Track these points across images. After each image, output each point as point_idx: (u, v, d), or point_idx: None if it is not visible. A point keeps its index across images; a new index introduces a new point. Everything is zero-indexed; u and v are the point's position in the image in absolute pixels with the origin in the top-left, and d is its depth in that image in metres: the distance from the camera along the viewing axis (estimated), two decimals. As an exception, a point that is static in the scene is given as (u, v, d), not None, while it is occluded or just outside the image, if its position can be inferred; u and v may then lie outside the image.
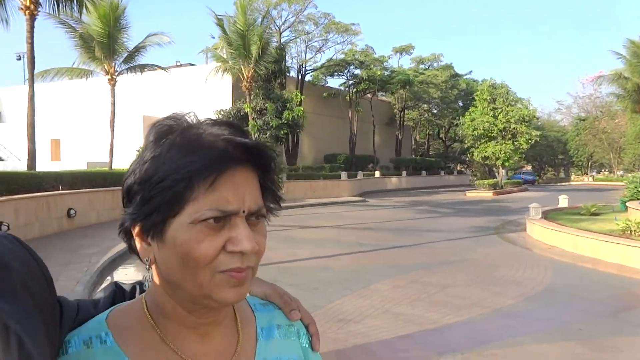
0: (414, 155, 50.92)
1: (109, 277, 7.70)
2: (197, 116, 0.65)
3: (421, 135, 56.42)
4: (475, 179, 45.73)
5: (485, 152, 35.78)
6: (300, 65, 34.24)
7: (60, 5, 14.26)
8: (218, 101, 30.02)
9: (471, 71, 52.55)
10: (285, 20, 32.23)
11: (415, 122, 49.16)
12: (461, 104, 49.10)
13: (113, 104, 19.29)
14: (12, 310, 0.51)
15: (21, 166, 26.33)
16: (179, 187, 0.57)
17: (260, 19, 26.51)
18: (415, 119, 48.08)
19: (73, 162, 26.23)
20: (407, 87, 39.83)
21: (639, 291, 7.42)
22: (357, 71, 37.88)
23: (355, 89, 38.74)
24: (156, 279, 0.65)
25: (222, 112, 27.75)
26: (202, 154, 0.58)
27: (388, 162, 44.48)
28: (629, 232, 10.69)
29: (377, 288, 7.29)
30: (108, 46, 18.88)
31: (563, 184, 60.75)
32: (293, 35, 32.81)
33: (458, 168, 60.61)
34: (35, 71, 14.27)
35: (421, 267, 8.81)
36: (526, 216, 14.30)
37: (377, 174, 37.71)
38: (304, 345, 0.77)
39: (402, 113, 46.17)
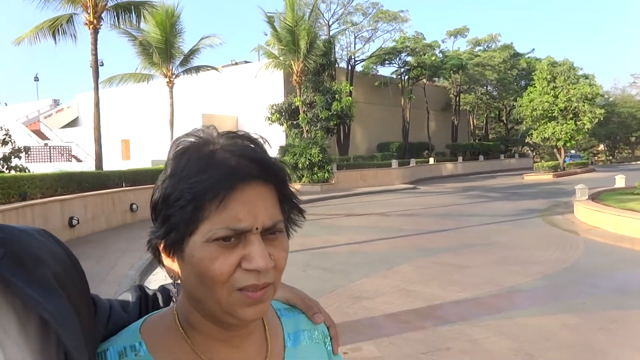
0: (471, 140, 49.79)
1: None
2: (217, 129, 0.65)
3: (480, 119, 54.96)
4: (542, 161, 44.14)
5: (545, 133, 34.59)
6: (349, 56, 34.60)
7: (120, 17, 15.63)
8: (271, 96, 31.10)
9: (533, 49, 50.15)
10: (333, 13, 32.72)
11: (472, 106, 48.04)
12: (523, 84, 47.36)
13: (172, 105, 20.75)
14: (50, 304, 0.51)
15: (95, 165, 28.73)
16: (192, 207, 0.58)
17: (308, 14, 27.18)
18: (471, 102, 47.01)
19: (141, 160, 28.27)
20: (461, 71, 39.08)
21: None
22: (409, 58, 37.68)
23: (407, 77, 38.57)
24: (183, 294, 0.67)
25: (274, 107, 28.78)
26: (212, 172, 0.59)
27: (444, 148, 43.95)
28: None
29: (399, 270, 7.79)
30: (165, 51, 20.30)
31: (638, 162, 57.09)
32: (342, 27, 33.22)
33: (522, 151, 58.55)
34: (105, 77, 15.74)
35: (449, 250, 9.19)
36: (573, 198, 14.07)
37: (431, 160, 37.47)
38: (328, 348, 0.79)
39: (457, 98, 45.33)
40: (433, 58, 37.83)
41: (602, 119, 34.65)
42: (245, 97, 33.31)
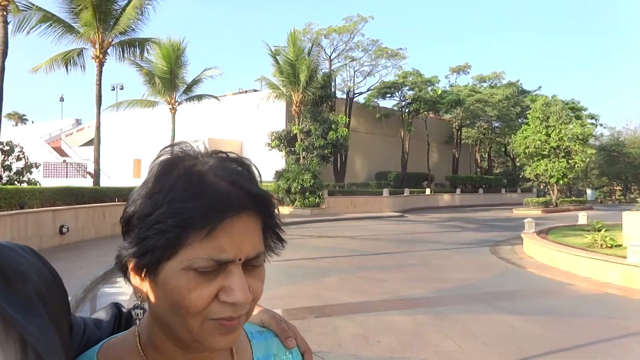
0: (474, 173, 50.85)
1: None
2: (205, 145, 0.64)
3: (482, 153, 56.05)
4: (548, 197, 44.92)
5: (538, 170, 35.58)
6: (349, 89, 36.48)
7: (125, 51, 17.63)
8: (274, 123, 32.94)
9: (540, 87, 51.59)
10: (335, 48, 34.74)
11: (475, 140, 49.28)
12: (522, 121, 48.54)
13: (173, 129, 22.64)
14: (30, 323, 0.50)
15: (109, 182, 30.69)
16: (174, 234, 0.56)
17: (308, 49, 29.15)
18: (474, 136, 48.29)
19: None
20: (458, 106, 40.59)
21: (542, 287, 8.67)
22: (410, 92, 39.40)
23: (407, 110, 40.22)
24: (149, 315, 0.64)
25: (274, 134, 30.57)
26: (201, 200, 0.56)
27: (444, 180, 45.11)
28: (597, 245, 11.60)
29: (324, 280, 9.17)
30: (170, 81, 22.30)
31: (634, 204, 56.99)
32: (343, 62, 35.22)
33: (527, 185, 59.21)
34: (123, 98, 17.56)
35: (380, 268, 10.51)
36: (522, 231, 15.25)
37: (428, 191, 38.67)
38: None
39: (458, 132, 46.70)
40: (431, 93, 39.48)
41: (592, 157, 35.51)
42: (250, 124, 35.23)
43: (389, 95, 39.14)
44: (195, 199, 0.56)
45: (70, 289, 7.12)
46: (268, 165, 30.88)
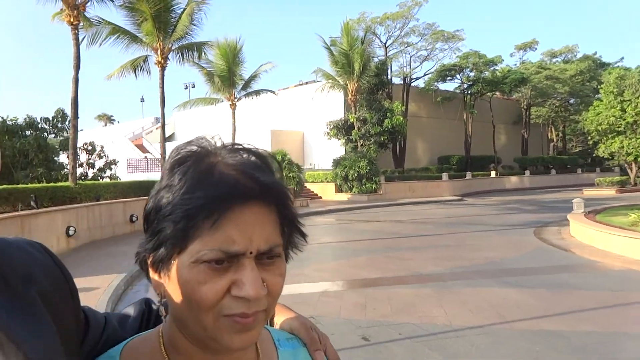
0: (545, 154, 48.71)
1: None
2: (221, 139, 0.62)
3: (558, 132, 53.38)
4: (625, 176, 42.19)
5: (612, 147, 33.63)
6: (405, 75, 36.41)
7: (184, 56, 19.23)
8: (333, 112, 33.77)
9: (622, 58, 48.13)
10: (390, 35, 34.80)
11: (546, 119, 47.14)
12: (599, 97, 45.69)
13: (233, 124, 24.16)
14: (28, 333, 0.50)
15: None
16: (182, 224, 0.55)
17: (363, 36, 29.60)
18: (544, 115, 46.22)
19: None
20: (522, 85, 39.10)
21: (566, 265, 8.87)
22: (472, 74, 38.58)
23: (469, 92, 39.41)
24: (169, 314, 0.63)
25: (332, 123, 31.43)
26: (208, 189, 0.55)
27: (512, 162, 43.75)
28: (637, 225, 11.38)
29: (355, 259, 9.94)
30: (228, 79, 23.80)
31: None
32: (399, 48, 35.23)
33: (608, 165, 55.63)
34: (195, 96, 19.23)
35: (410, 249, 11.08)
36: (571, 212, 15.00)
37: (493, 174, 37.82)
38: None
39: (527, 111, 44.94)
40: (496, 74, 38.36)
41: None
42: (311, 114, 36.31)
43: (449, 78, 38.56)
44: (201, 188, 0.55)
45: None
46: (328, 154, 31.85)
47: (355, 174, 26.61)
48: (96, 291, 6.76)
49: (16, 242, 0.58)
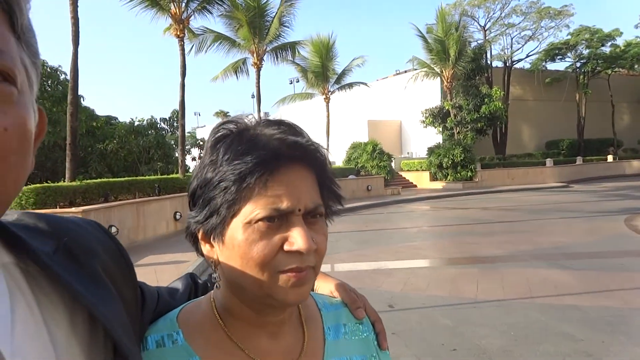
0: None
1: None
2: (255, 117, 0.66)
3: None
4: None
5: None
6: (507, 57, 34.83)
7: (278, 56, 20.83)
8: (430, 100, 33.55)
9: None
10: (490, 18, 33.53)
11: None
12: None
13: (327, 116, 25.41)
14: (97, 298, 0.53)
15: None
16: (235, 187, 0.59)
17: (458, 20, 29.10)
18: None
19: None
20: (645, 60, 35.30)
21: (634, 250, 8.67)
22: (586, 51, 35.78)
23: (582, 70, 36.58)
24: (222, 279, 0.67)
25: (428, 111, 31.36)
26: (255, 154, 0.59)
27: (636, 144, 39.77)
28: None
29: (411, 244, 10.54)
30: (322, 74, 25.06)
31: None
32: (500, 30, 33.81)
33: None
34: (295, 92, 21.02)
35: (481, 234, 11.35)
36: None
37: (610, 158, 34.85)
38: (374, 343, 0.78)
39: (656, 87, 40.42)
40: (616, 49, 35.14)
41: None
42: (408, 103, 36.42)
43: (559, 57, 36.13)
44: (249, 154, 0.60)
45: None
46: (425, 142, 31.84)
47: (450, 162, 26.47)
48: (186, 264, 8.27)
49: (74, 219, 0.62)
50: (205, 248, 0.66)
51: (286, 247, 0.60)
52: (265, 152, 0.60)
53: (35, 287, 0.51)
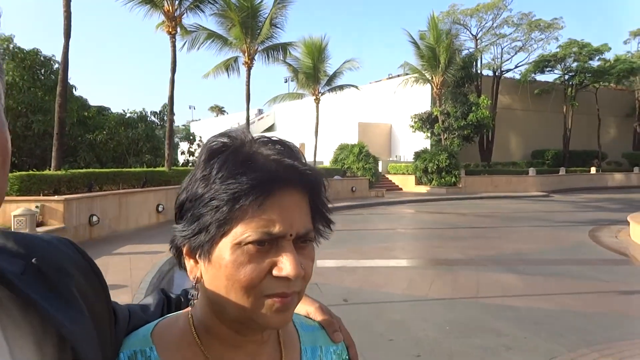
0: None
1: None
2: (251, 133, 0.66)
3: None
4: None
5: None
6: (496, 67, 35.46)
7: (270, 56, 21.24)
8: (420, 105, 34.08)
9: None
10: (482, 27, 34.11)
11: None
12: None
13: (317, 117, 25.84)
14: (69, 321, 0.52)
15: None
16: (228, 207, 0.58)
17: (450, 29, 29.66)
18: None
19: (309, 159, 34.49)
20: (631, 76, 36.03)
21: (592, 259, 9.19)
22: (574, 64, 36.48)
23: (570, 83, 37.29)
24: (202, 297, 0.65)
25: (417, 116, 31.89)
26: (251, 175, 0.58)
27: (620, 158, 40.55)
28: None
29: (383, 245, 11.00)
30: (313, 75, 25.48)
31: None
32: (491, 39, 34.42)
33: None
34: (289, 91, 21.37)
35: (449, 238, 11.85)
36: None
37: (593, 170, 35.60)
38: None
39: (640, 102, 41.24)
40: (606, 63, 35.86)
41: None
42: (398, 107, 36.96)
43: (548, 69, 36.80)
44: (245, 174, 0.59)
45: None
46: (414, 147, 32.37)
47: (435, 167, 27.01)
48: (160, 254, 8.68)
49: (45, 238, 0.60)
50: (189, 263, 0.65)
51: (275, 272, 0.59)
52: (261, 174, 0.59)
53: (1, 310, 0.50)
